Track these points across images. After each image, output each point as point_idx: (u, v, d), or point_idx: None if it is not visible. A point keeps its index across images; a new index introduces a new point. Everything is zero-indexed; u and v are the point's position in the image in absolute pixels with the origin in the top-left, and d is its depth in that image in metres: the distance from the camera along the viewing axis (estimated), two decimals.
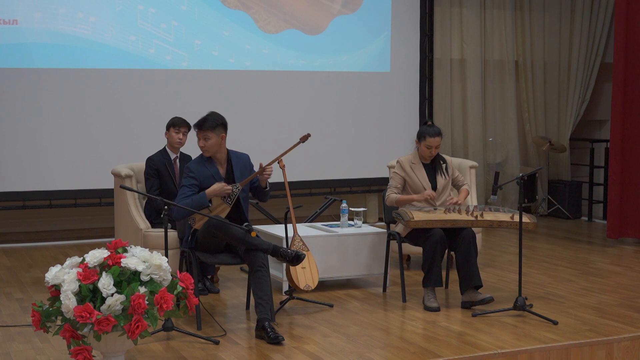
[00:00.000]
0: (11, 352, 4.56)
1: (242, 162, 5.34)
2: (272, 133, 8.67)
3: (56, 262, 5.51)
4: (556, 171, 10.30)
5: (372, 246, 6.18)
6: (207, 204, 5.08)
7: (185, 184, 5.16)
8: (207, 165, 5.21)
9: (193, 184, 5.13)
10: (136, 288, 3.83)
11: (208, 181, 5.15)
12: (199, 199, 5.07)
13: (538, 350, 4.61)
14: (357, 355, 4.51)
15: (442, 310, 5.44)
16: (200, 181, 5.15)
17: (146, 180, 6.20)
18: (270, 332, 4.70)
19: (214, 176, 5.18)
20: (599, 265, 7.11)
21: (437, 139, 5.66)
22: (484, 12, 9.77)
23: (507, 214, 5.55)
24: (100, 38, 8.03)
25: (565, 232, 8.86)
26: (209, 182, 5.15)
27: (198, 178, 5.15)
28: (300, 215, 6.98)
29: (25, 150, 7.92)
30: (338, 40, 9.03)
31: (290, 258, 5.00)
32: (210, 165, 5.22)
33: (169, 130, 6.24)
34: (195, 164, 5.23)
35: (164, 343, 4.71)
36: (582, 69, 10.06)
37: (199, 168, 5.19)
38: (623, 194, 7.99)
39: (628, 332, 4.94)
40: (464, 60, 9.73)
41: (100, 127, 8.14)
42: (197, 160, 5.25)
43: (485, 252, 7.54)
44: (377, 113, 9.30)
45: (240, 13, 8.59)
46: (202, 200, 5.07)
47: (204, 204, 5.07)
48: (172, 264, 4.55)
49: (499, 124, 9.99)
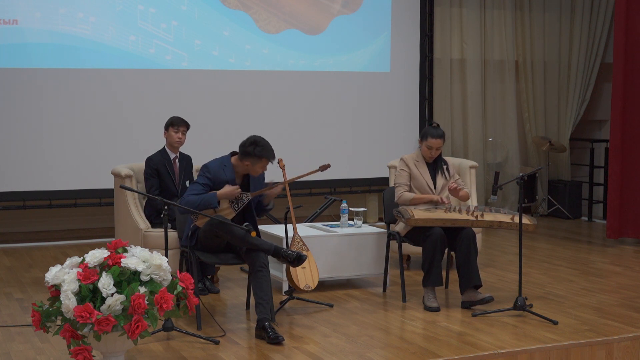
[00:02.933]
0: (11, 352, 4.56)
1: (257, 178, 5.33)
2: (272, 133, 8.61)
3: (56, 262, 5.51)
4: (556, 171, 10.30)
5: (372, 246, 6.18)
6: (215, 205, 5.08)
7: (199, 181, 5.16)
8: (227, 171, 5.20)
9: (206, 184, 5.13)
10: (136, 288, 3.83)
11: (221, 186, 5.15)
12: (209, 199, 5.07)
13: (538, 350, 4.61)
14: (357, 355, 4.51)
15: (442, 310, 5.44)
16: (214, 184, 5.15)
17: (146, 180, 6.21)
18: (271, 332, 4.70)
19: (229, 183, 5.18)
20: (599, 265, 7.11)
21: (438, 140, 5.66)
22: (484, 12, 9.77)
23: (507, 215, 5.55)
24: (100, 38, 8.03)
25: (565, 232, 8.86)
26: (221, 187, 5.15)
27: (213, 180, 5.15)
28: (300, 215, 6.98)
29: (25, 150, 7.92)
30: (338, 40, 9.03)
31: (292, 259, 5.00)
32: (230, 172, 5.21)
33: (168, 130, 6.24)
34: (216, 166, 5.21)
35: (164, 343, 4.71)
36: (582, 69, 10.06)
37: (217, 170, 5.18)
38: (623, 194, 7.99)
39: (628, 332, 4.94)
40: (464, 60, 9.73)
41: (100, 127, 8.14)
42: (218, 163, 5.23)
43: (485, 252, 7.54)
44: (377, 113, 9.30)
45: (240, 13, 8.60)
46: (212, 200, 5.07)
47: (213, 204, 5.07)
48: (172, 264, 4.55)
49: (499, 124, 9.99)
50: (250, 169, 5.17)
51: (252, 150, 5.10)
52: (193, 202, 5.06)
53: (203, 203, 5.05)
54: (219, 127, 8.48)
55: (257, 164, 5.13)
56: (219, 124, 8.51)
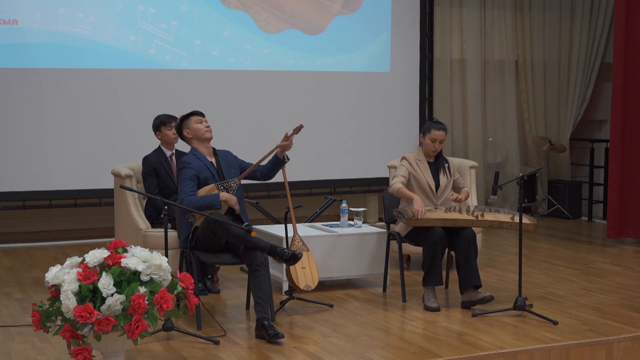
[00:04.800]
0: (11, 352, 4.56)
1: (225, 156, 5.50)
2: (272, 133, 8.63)
3: (56, 262, 5.51)
4: (556, 171, 10.30)
5: (372, 246, 6.18)
6: (218, 206, 5.13)
7: (187, 176, 5.23)
8: (200, 158, 5.34)
9: (194, 175, 5.24)
10: (136, 288, 3.83)
11: (203, 171, 5.27)
12: (212, 201, 5.13)
13: (538, 350, 4.61)
14: (357, 355, 4.51)
15: (442, 310, 5.44)
16: (197, 172, 5.26)
17: (144, 180, 6.21)
18: (270, 330, 4.70)
19: (207, 166, 5.30)
20: (599, 265, 7.11)
21: (441, 132, 5.66)
22: (484, 12, 9.77)
23: (508, 215, 5.55)
24: (100, 38, 8.03)
25: (565, 232, 8.86)
26: (204, 172, 5.27)
27: (195, 169, 5.26)
28: (300, 215, 6.98)
29: (25, 150, 7.92)
30: (338, 40, 9.03)
31: (287, 258, 5.01)
32: (202, 157, 5.35)
33: (161, 130, 6.26)
34: (190, 157, 5.36)
35: (164, 343, 4.71)
36: (582, 69, 10.06)
37: (194, 160, 5.32)
38: (623, 194, 7.98)
39: (628, 332, 4.94)
40: (464, 60, 9.73)
41: (100, 127, 8.14)
42: (190, 155, 5.38)
43: (485, 252, 7.54)
44: (377, 113, 9.30)
45: (240, 13, 8.59)
46: (214, 202, 5.13)
47: (216, 206, 5.13)
48: (172, 264, 4.55)
49: (499, 124, 9.99)
50: (195, 132, 5.36)
51: (176, 120, 5.44)
52: (195, 203, 5.08)
53: (206, 204, 5.09)
54: (219, 127, 8.39)
55: (189, 124, 5.37)
56: (219, 124, 8.44)
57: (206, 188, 5.22)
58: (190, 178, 5.21)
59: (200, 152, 5.36)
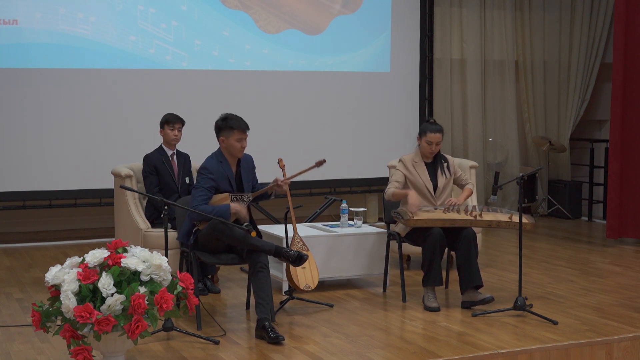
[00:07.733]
0: (11, 352, 4.56)
1: (247, 163, 5.37)
2: (272, 133, 8.67)
3: (56, 262, 5.49)
4: (556, 171, 10.30)
5: (372, 246, 6.18)
6: (228, 218, 5.04)
7: (203, 185, 5.12)
8: (224, 166, 5.21)
9: (212, 187, 5.12)
10: (136, 288, 3.83)
11: (223, 182, 5.16)
12: (222, 213, 5.02)
13: (538, 350, 4.61)
14: (357, 355, 4.51)
15: (442, 310, 5.44)
16: (218, 182, 5.15)
17: (145, 179, 6.21)
18: (271, 332, 4.70)
19: (228, 177, 5.19)
20: (598, 265, 7.11)
21: (437, 135, 5.65)
22: (484, 12, 9.77)
23: (506, 214, 5.55)
24: (100, 38, 8.03)
25: (565, 232, 8.86)
26: (224, 183, 5.16)
27: (216, 178, 5.14)
28: (300, 215, 6.98)
29: (25, 150, 7.92)
30: (338, 40, 9.03)
31: (293, 259, 5.01)
32: (226, 165, 5.22)
33: (164, 128, 6.26)
34: (214, 163, 5.20)
35: (164, 343, 4.71)
36: (582, 69, 10.06)
37: (217, 167, 5.18)
38: (623, 194, 7.99)
39: (628, 332, 4.94)
40: (464, 60, 9.73)
41: (100, 127, 8.14)
42: (214, 160, 5.22)
43: (485, 252, 7.54)
44: (377, 113, 9.30)
45: (240, 13, 8.60)
46: (224, 214, 5.03)
47: (225, 217, 5.02)
48: (172, 264, 4.55)
49: (499, 124, 9.99)
50: (229, 147, 5.18)
51: (223, 124, 5.18)
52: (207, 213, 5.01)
53: (216, 216, 5.01)
54: None
55: (230, 136, 5.16)
56: None
57: (220, 196, 5.14)
58: (208, 189, 5.10)
59: (226, 159, 5.22)
